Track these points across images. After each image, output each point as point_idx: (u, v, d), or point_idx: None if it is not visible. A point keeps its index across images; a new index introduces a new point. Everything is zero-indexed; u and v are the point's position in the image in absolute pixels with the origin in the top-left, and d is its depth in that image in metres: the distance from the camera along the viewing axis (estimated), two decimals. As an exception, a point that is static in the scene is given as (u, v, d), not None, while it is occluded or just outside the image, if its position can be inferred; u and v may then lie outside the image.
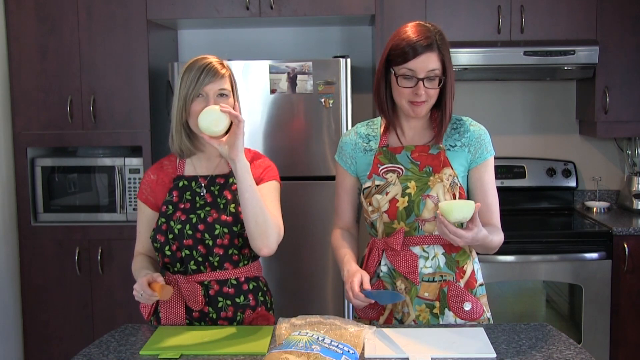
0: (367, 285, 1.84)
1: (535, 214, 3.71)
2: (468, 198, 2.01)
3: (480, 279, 2.04)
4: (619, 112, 3.50)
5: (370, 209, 2.00)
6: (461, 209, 1.76)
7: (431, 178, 1.94)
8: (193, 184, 2.02)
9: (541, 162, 3.79)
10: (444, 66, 1.90)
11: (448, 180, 1.94)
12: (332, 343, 1.63)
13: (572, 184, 3.78)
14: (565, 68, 3.46)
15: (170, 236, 1.97)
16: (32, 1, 3.44)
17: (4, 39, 3.47)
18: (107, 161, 3.53)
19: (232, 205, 1.99)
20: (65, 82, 3.47)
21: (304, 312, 1.97)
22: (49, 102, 3.48)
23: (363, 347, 1.70)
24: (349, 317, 3.37)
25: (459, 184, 1.95)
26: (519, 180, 3.74)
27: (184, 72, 1.95)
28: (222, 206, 1.98)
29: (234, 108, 1.95)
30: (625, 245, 3.21)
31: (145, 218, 2.07)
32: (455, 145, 1.99)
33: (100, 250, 3.48)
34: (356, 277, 1.85)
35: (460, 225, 1.84)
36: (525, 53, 3.38)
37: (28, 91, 3.47)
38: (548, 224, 3.62)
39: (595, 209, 3.71)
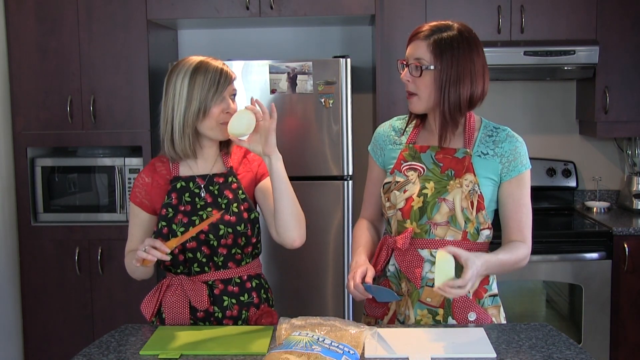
0: (369, 279, 1.83)
1: (535, 214, 3.66)
2: (498, 212, 1.97)
3: (492, 289, 1.99)
4: (619, 112, 3.50)
5: (387, 204, 1.98)
6: (440, 272, 1.71)
7: (451, 182, 1.91)
8: (191, 184, 2.00)
9: (541, 162, 3.79)
10: (438, 60, 1.85)
11: (468, 186, 1.89)
12: (333, 344, 1.63)
13: (572, 184, 3.78)
14: (565, 68, 3.46)
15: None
16: (32, 1, 3.44)
17: (4, 39, 3.47)
18: (107, 161, 3.53)
19: (235, 205, 1.98)
20: (65, 82, 3.47)
21: (303, 312, 1.97)
22: (49, 102, 3.48)
23: (363, 348, 1.70)
24: (349, 318, 3.38)
25: (478, 192, 1.90)
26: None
27: (193, 75, 1.92)
28: (224, 206, 1.98)
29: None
30: (625, 245, 3.21)
31: (139, 221, 2.03)
32: (487, 154, 1.93)
33: (100, 250, 3.48)
34: (360, 269, 1.85)
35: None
36: (526, 53, 3.38)
37: (28, 91, 3.47)
38: (548, 224, 3.62)
39: (595, 209, 3.71)
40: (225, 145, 2.07)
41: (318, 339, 1.64)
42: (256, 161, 2.07)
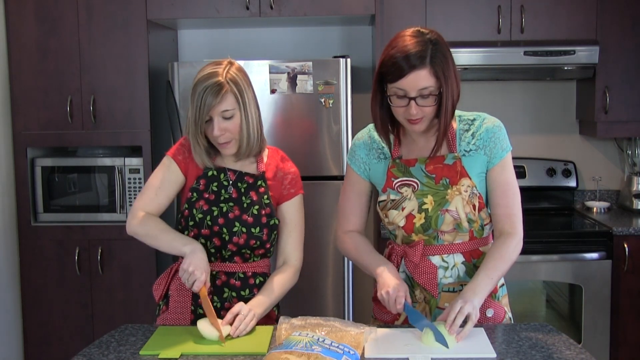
0: (408, 299, 1.82)
1: (535, 214, 3.71)
2: (487, 199, 1.93)
3: (501, 280, 1.98)
4: (619, 112, 3.50)
5: (387, 220, 1.95)
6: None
7: (449, 191, 1.87)
8: (222, 176, 2.02)
9: (541, 162, 3.79)
10: (440, 81, 1.77)
11: (467, 191, 1.87)
12: (333, 344, 1.63)
13: (572, 184, 3.78)
14: (565, 68, 3.45)
15: (191, 223, 1.99)
16: (32, 1, 3.44)
17: (4, 39, 3.47)
18: (107, 161, 3.53)
19: (256, 207, 2.00)
20: (65, 82, 3.47)
21: (303, 312, 1.97)
22: (49, 102, 3.48)
23: (363, 348, 1.70)
24: (349, 318, 3.38)
25: (477, 194, 1.88)
26: (519, 180, 3.66)
27: (193, 88, 1.92)
28: (245, 205, 1.99)
29: (241, 124, 1.94)
30: (625, 245, 3.21)
31: (168, 173, 2.00)
32: (470, 150, 1.90)
33: (100, 250, 3.48)
34: (404, 286, 1.82)
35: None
36: (525, 53, 3.38)
37: (28, 91, 3.47)
38: (548, 224, 3.62)
39: (595, 209, 3.70)
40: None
41: (318, 339, 1.64)
42: (287, 180, 2.08)
